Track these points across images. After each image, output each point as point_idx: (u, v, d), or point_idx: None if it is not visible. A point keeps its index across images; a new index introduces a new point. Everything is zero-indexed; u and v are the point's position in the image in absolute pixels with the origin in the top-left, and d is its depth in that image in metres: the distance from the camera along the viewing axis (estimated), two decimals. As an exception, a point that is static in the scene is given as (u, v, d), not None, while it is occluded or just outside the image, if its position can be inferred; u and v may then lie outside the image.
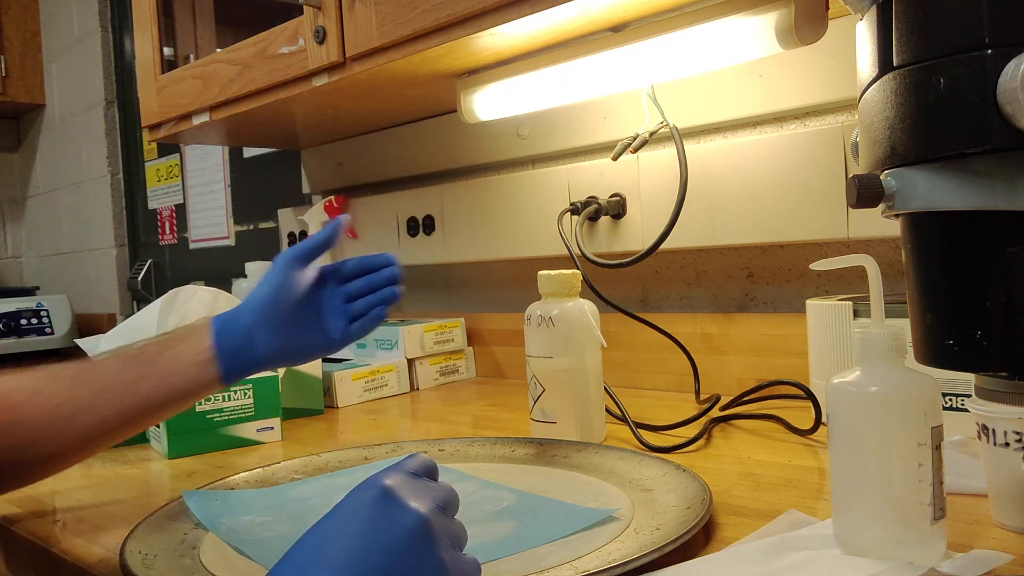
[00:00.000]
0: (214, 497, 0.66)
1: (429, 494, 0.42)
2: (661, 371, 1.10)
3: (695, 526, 0.53)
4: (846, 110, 0.96)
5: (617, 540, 0.54)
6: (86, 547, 0.62)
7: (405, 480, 0.42)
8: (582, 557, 0.51)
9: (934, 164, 0.41)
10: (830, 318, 0.81)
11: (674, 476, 0.65)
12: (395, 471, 0.43)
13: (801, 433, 0.81)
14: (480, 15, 0.85)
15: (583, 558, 0.51)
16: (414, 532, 0.40)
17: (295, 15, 1.06)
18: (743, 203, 1.01)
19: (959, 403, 0.70)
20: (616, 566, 0.47)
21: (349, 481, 0.70)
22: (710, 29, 0.84)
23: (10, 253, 2.78)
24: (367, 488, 0.42)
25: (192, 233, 2.13)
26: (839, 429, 0.48)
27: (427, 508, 0.41)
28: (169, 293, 1.01)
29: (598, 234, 1.16)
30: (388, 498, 0.41)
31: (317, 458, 0.77)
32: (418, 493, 0.42)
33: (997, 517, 0.53)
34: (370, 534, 0.39)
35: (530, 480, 0.70)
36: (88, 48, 2.38)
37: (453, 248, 1.37)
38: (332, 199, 1.54)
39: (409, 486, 0.42)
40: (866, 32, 0.45)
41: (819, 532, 0.51)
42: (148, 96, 1.37)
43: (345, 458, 0.78)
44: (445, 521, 0.42)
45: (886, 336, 0.47)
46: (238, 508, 0.64)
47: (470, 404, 1.13)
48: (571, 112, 1.19)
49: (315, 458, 0.77)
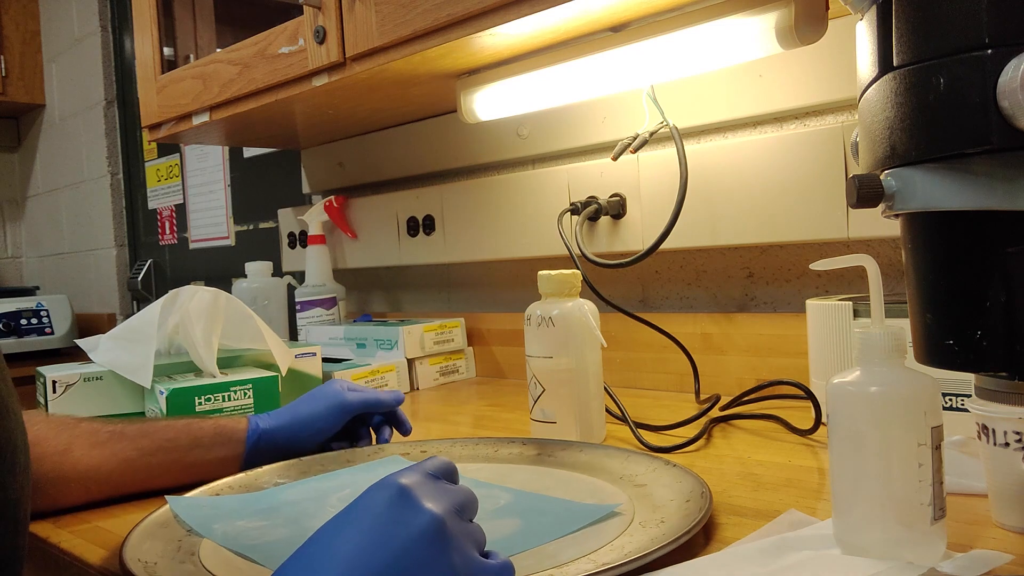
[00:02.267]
0: (201, 503, 0.66)
1: (447, 496, 0.42)
2: (661, 371, 1.10)
3: (702, 518, 0.54)
4: (846, 110, 0.96)
5: (625, 534, 0.54)
6: (86, 547, 0.62)
7: (423, 481, 0.42)
8: (596, 551, 0.51)
9: (934, 164, 0.41)
10: (830, 318, 0.81)
11: (665, 471, 0.65)
12: (413, 471, 0.43)
13: (801, 433, 0.81)
14: (480, 15, 0.85)
15: (598, 552, 0.51)
16: (427, 534, 0.39)
17: (295, 15, 1.06)
18: (743, 203, 1.01)
19: (959, 403, 0.70)
20: (637, 558, 0.48)
21: (337, 483, 0.70)
22: (710, 29, 0.84)
23: (10, 253, 2.78)
24: (383, 487, 0.41)
25: (192, 233, 2.13)
26: (839, 429, 0.48)
27: (443, 510, 0.40)
28: (169, 293, 1.01)
29: (598, 234, 1.16)
30: (404, 498, 0.40)
31: (299, 461, 0.76)
32: (435, 495, 0.41)
33: (997, 517, 0.53)
34: (381, 533, 0.39)
35: (520, 479, 0.70)
36: (88, 48, 2.38)
37: (453, 248, 1.37)
38: (332, 199, 1.54)
39: (426, 487, 0.42)
40: (866, 32, 0.45)
41: (819, 532, 0.51)
42: (148, 96, 1.37)
43: (326, 460, 0.77)
44: (462, 524, 0.42)
45: (886, 336, 0.47)
46: (229, 513, 0.64)
47: (470, 404, 1.13)
48: (571, 112, 1.19)
49: (297, 462, 0.76)
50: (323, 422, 0.78)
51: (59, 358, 2.02)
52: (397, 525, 0.39)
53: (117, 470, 0.70)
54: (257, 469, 0.74)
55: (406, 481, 0.41)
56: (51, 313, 2.22)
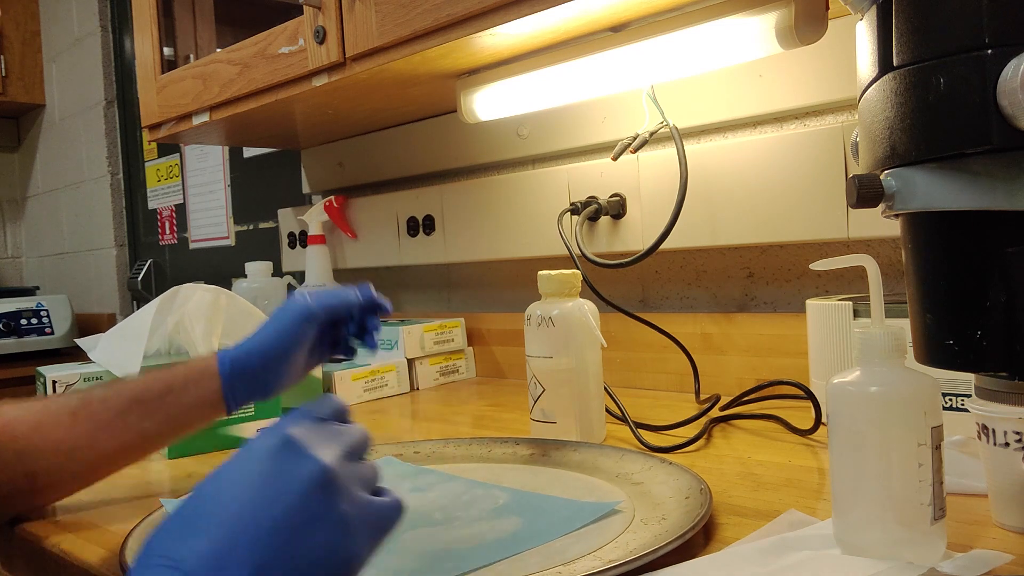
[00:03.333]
0: None
1: (335, 440, 0.40)
2: (661, 371, 1.10)
3: (705, 514, 0.54)
4: (846, 110, 0.96)
5: (628, 531, 0.54)
6: (86, 547, 0.62)
7: (310, 427, 0.40)
8: (602, 548, 0.51)
9: (934, 164, 0.41)
10: (830, 318, 0.81)
11: (660, 469, 0.66)
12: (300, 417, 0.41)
13: (801, 433, 0.81)
14: (480, 15, 0.85)
15: (603, 549, 0.51)
16: (313, 484, 0.37)
17: (295, 15, 1.06)
18: (743, 203, 1.01)
19: (959, 403, 0.70)
20: (646, 554, 0.48)
21: None
22: (710, 29, 0.84)
23: (10, 253, 2.78)
24: (269, 435, 0.39)
25: (192, 233, 2.13)
26: (839, 429, 0.48)
27: (331, 457, 0.39)
28: (168, 291, 1.01)
29: (598, 234, 1.16)
30: (289, 447, 0.38)
31: None
32: (323, 440, 0.40)
33: (997, 517, 0.53)
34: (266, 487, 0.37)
35: (516, 479, 0.70)
36: (88, 48, 2.38)
37: (453, 248, 1.37)
38: (332, 199, 1.54)
39: (314, 433, 0.40)
40: (866, 32, 0.45)
41: (819, 532, 0.51)
42: (148, 96, 1.37)
43: None
44: (353, 467, 0.40)
45: (886, 336, 0.47)
46: None
47: (470, 404, 1.13)
48: (571, 112, 1.19)
49: None
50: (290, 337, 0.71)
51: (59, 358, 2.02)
52: (283, 478, 0.37)
53: (95, 436, 0.65)
54: None
55: (292, 430, 0.39)
56: (51, 313, 2.22)
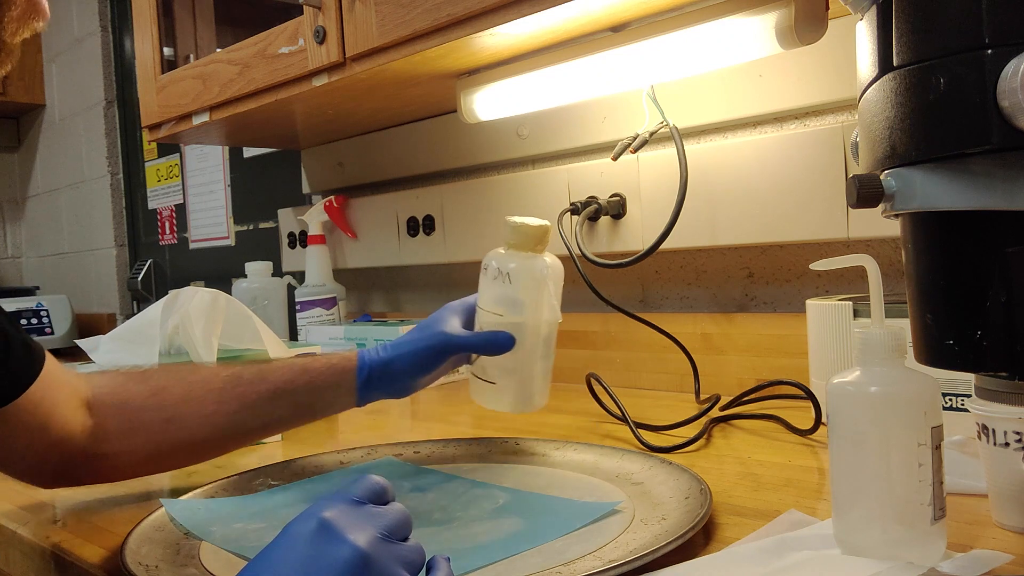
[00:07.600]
0: (196, 506, 0.66)
1: (371, 523, 0.41)
2: (661, 371, 1.10)
3: (705, 514, 0.54)
4: (846, 110, 0.96)
5: (629, 531, 0.54)
6: (86, 547, 0.62)
7: (345, 510, 0.41)
8: (602, 548, 0.51)
9: (934, 164, 0.41)
10: (830, 318, 0.81)
11: (660, 469, 0.66)
12: (336, 500, 0.42)
13: (801, 433, 0.81)
14: (480, 15, 0.85)
15: (603, 549, 0.51)
16: (349, 567, 0.38)
17: (295, 15, 1.06)
18: (743, 203, 1.01)
19: (959, 403, 0.70)
20: (646, 554, 0.48)
21: (329, 486, 0.70)
22: (710, 29, 0.84)
23: (10, 253, 2.78)
24: (306, 520, 0.41)
25: (192, 233, 2.13)
26: (839, 429, 0.48)
27: (366, 540, 0.40)
28: (170, 294, 1.01)
29: (598, 234, 1.16)
30: (325, 531, 0.40)
31: (293, 463, 0.76)
32: (358, 523, 0.41)
33: (997, 517, 0.53)
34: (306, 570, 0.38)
35: (516, 478, 0.70)
36: (88, 48, 2.38)
37: (453, 248, 1.37)
38: (332, 199, 1.54)
39: (349, 516, 0.41)
40: (866, 32, 0.45)
41: (819, 532, 0.51)
42: (148, 96, 1.37)
43: (320, 463, 0.77)
44: (391, 549, 0.41)
45: (886, 336, 0.47)
46: (225, 516, 0.64)
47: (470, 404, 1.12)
48: (571, 112, 1.19)
49: (291, 463, 0.76)
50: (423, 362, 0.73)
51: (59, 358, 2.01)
52: (320, 562, 0.39)
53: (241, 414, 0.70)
54: (249, 471, 0.74)
55: (327, 514, 0.40)
56: (51, 313, 2.22)
